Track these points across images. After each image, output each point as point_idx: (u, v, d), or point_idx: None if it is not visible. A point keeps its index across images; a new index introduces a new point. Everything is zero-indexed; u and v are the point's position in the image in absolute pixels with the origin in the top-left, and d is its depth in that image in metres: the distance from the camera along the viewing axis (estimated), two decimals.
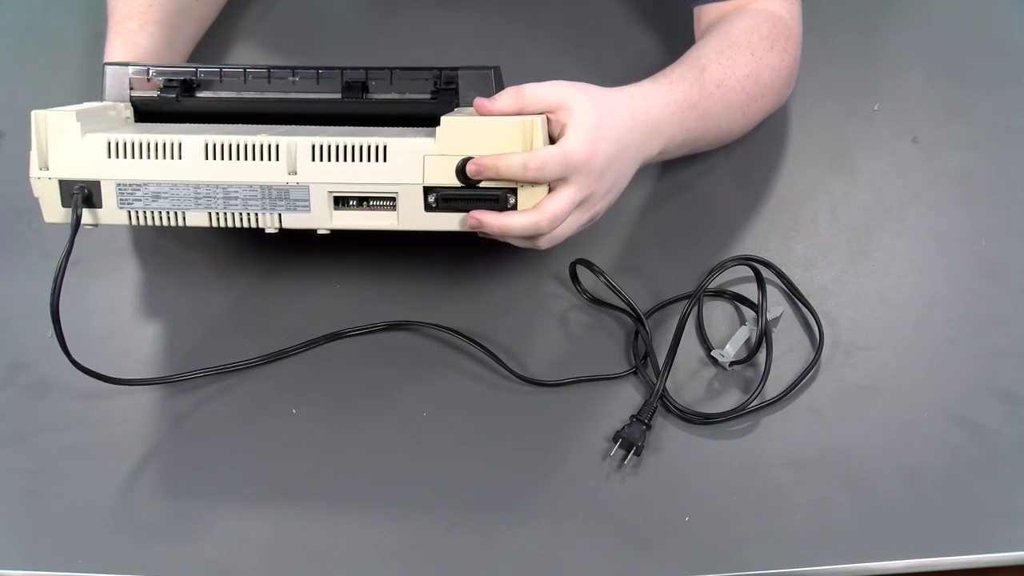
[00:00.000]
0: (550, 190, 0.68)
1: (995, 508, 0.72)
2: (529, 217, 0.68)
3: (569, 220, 0.69)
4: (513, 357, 0.79)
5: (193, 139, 0.69)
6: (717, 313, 0.82)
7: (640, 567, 0.71)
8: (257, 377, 0.80)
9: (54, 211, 0.71)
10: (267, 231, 0.70)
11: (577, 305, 0.82)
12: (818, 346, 0.78)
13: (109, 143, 0.69)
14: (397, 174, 0.68)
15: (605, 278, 0.79)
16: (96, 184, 0.70)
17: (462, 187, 0.68)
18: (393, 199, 0.69)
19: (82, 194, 0.70)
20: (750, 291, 0.80)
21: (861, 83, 0.92)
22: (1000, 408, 0.76)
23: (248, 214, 0.70)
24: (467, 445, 0.76)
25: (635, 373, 0.79)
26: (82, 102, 0.75)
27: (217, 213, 0.70)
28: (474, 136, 0.67)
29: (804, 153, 0.89)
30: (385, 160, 0.68)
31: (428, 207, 0.69)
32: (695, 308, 0.80)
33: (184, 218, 0.70)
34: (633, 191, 0.87)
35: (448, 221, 0.69)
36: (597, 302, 0.82)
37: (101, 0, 0.89)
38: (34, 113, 0.70)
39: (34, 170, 0.71)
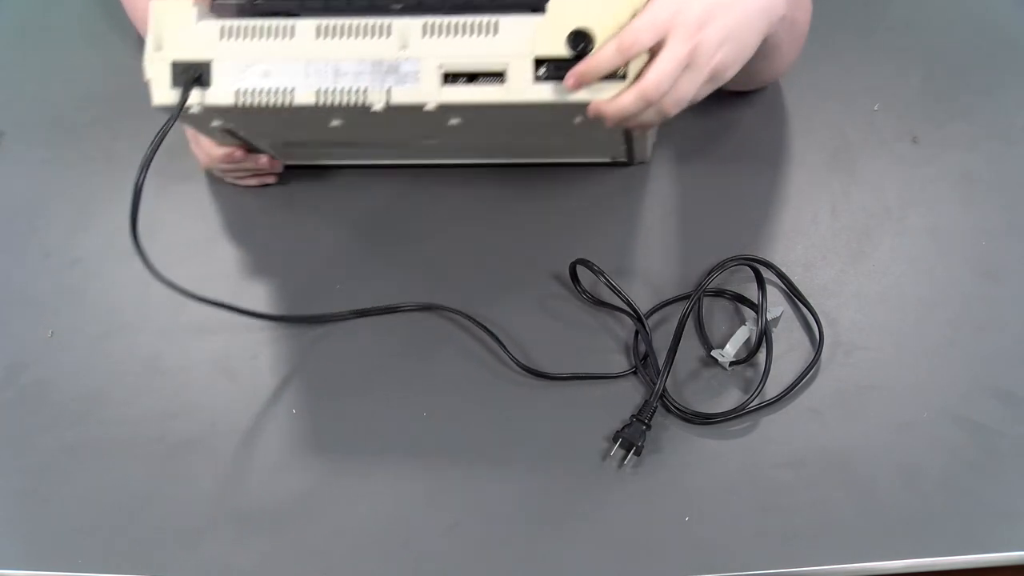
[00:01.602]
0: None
1: (995, 508, 0.72)
2: (633, 90, 0.66)
3: (684, 82, 0.68)
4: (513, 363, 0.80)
5: (305, 21, 0.69)
6: (717, 313, 0.82)
7: (640, 567, 0.71)
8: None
9: (164, 92, 0.70)
10: (374, 109, 0.70)
11: (577, 305, 0.82)
12: (818, 346, 0.78)
13: (222, 27, 0.70)
14: (507, 46, 0.68)
15: (605, 278, 0.79)
16: (207, 64, 0.70)
17: (573, 58, 0.67)
18: (502, 74, 0.69)
19: (192, 73, 0.70)
20: (750, 291, 0.80)
21: (861, 83, 0.92)
22: (1000, 408, 0.76)
23: (357, 89, 0.69)
24: (467, 446, 0.76)
25: (635, 373, 0.79)
26: (84, 101, 0.75)
27: (326, 90, 0.69)
28: (585, 4, 0.67)
29: (804, 153, 0.89)
30: (496, 34, 0.68)
31: (537, 79, 0.68)
32: (695, 308, 0.80)
33: (292, 96, 0.70)
34: (633, 190, 0.87)
35: (556, 92, 0.68)
36: (597, 302, 0.82)
37: (101, 0, 0.89)
38: (153, 3, 0.70)
39: (149, 52, 0.70)
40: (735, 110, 0.91)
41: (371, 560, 0.72)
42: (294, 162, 0.88)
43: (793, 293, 0.81)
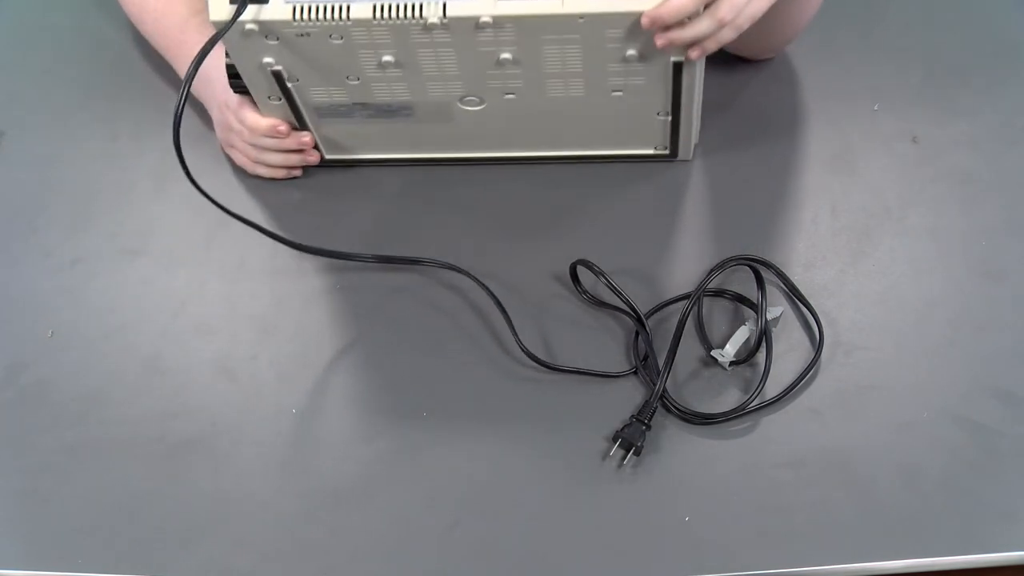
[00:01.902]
0: None
1: (995, 508, 0.72)
2: None
3: None
4: (514, 355, 0.80)
5: None
6: (717, 313, 0.82)
7: (640, 567, 0.71)
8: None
9: (221, 8, 0.70)
10: (430, 22, 0.70)
11: (578, 306, 0.82)
12: (818, 346, 0.78)
13: None
14: None
15: (605, 279, 0.79)
16: None
17: None
18: None
19: None
20: (750, 291, 0.80)
21: (861, 83, 0.92)
22: (1000, 408, 0.76)
23: (414, 4, 0.69)
24: (467, 445, 0.76)
25: (635, 373, 0.78)
26: (84, 101, 0.75)
27: (382, 5, 0.69)
28: None
29: (804, 153, 0.89)
30: None
31: None
32: (695, 308, 0.80)
33: (348, 11, 0.69)
34: (633, 191, 0.87)
35: (610, 2, 0.68)
36: (597, 303, 0.82)
37: (100, 0, 0.89)
38: None
39: None
40: (735, 110, 0.91)
41: (371, 560, 0.72)
42: (331, 156, 0.88)
43: (793, 293, 0.81)
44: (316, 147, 0.87)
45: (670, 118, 0.81)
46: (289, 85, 0.77)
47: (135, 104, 0.96)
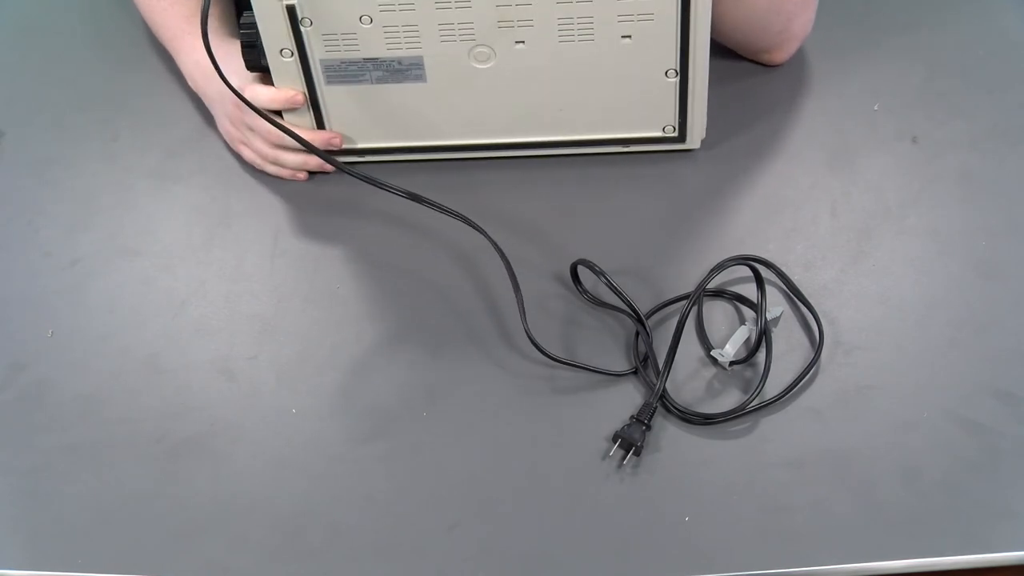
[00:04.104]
0: None
1: (995, 508, 0.72)
2: None
3: None
4: (514, 356, 0.80)
5: None
6: (717, 313, 0.82)
7: (640, 567, 0.71)
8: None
9: None
10: None
11: (578, 306, 0.82)
12: (818, 346, 0.78)
13: None
14: None
15: (606, 279, 0.79)
16: None
17: None
18: None
19: None
20: (750, 291, 0.80)
21: (861, 83, 0.92)
22: (1000, 408, 0.76)
23: None
24: (467, 445, 0.76)
25: (635, 373, 0.78)
26: (84, 101, 0.75)
27: None
28: None
29: (804, 153, 0.89)
30: None
31: None
32: (695, 308, 0.80)
33: None
34: (633, 191, 0.87)
35: None
36: (598, 302, 0.82)
37: (101, 0, 0.89)
38: None
39: None
40: (735, 110, 0.91)
41: (371, 560, 0.72)
42: (346, 146, 0.89)
43: (793, 293, 0.81)
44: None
45: (679, 78, 0.80)
46: (303, 29, 0.77)
47: (135, 104, 0.96)
